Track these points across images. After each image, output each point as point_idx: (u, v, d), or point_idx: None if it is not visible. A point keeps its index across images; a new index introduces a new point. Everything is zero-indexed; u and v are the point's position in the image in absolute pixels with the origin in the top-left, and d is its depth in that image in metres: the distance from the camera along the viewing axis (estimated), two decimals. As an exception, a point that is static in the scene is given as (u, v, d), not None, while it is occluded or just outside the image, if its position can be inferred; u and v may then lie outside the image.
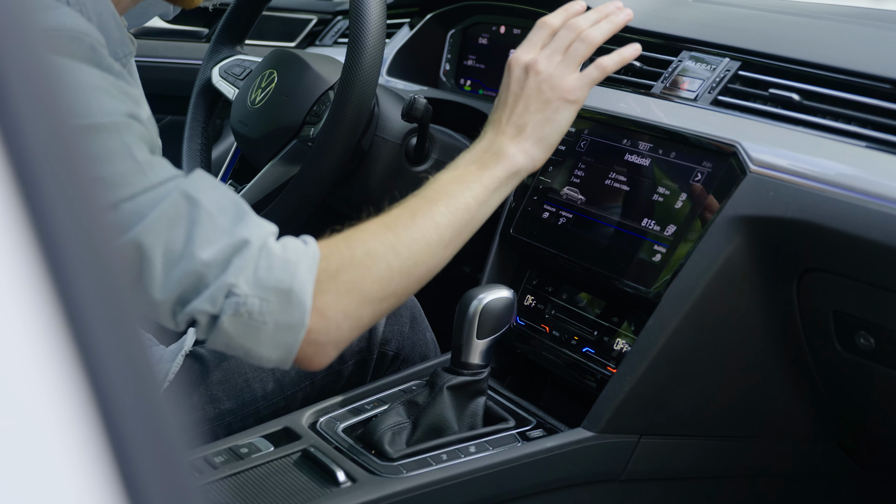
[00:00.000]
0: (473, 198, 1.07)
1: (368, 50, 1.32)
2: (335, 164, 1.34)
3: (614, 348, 1.26)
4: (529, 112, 1.14)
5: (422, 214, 1.03)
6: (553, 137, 1.15)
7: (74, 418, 0.36)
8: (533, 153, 1.13)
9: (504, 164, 1.10)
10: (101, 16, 1.00)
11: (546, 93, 1.15)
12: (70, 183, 0.38)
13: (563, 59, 1.17)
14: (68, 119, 0.39)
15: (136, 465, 0.36)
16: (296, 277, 0.92)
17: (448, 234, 1.04)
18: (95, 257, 0.38)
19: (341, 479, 1.10)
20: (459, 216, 1.05)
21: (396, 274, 1.00)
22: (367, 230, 1.01)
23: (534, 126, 1.13)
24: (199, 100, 1.68)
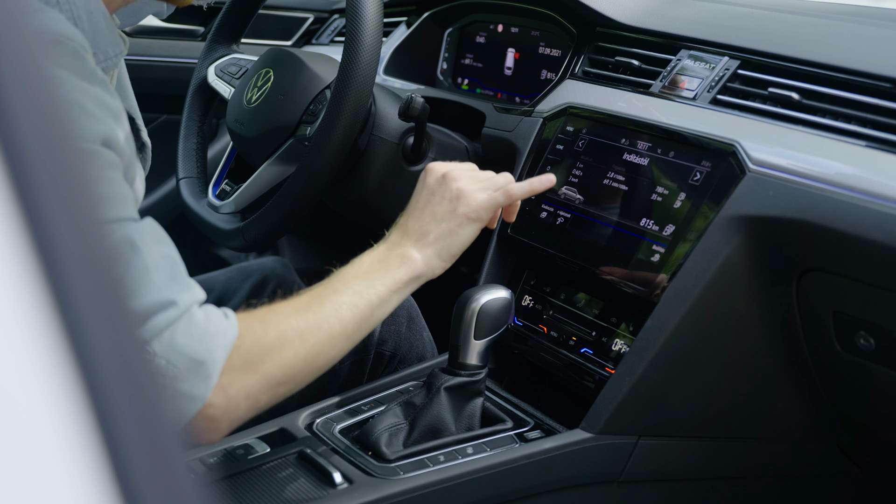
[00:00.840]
0: (376, 295, 1.09)
1: (365, 49, 1.32)
2: (332, 163, 1.33)
3: (612, 349, 1.26)
4: (435, 221, 1.16)
5: (329, 305, 1.05)
6: (454, 249, 1.16)
7: (70, 420, 0.36)
8: (433, 262, 1.15)
9: (407, 268, 1.12)
10: (92, 14, 0.99)
11: (455, 206, 1.17)
12: (57, 186, 0.38)
13: (479, 183, 1.20)
14: (56, 130, 0.39)
15: (131, 466, 0.36)
16: (212, 351, 0.91)
17: (350, 328, 1.05)
18: (89, 257, 0.38)
19: (338, 481, 1.10)
20: (362, 311, 1.07)
21: (301, 361, 1.01)
22: (280, 313, 1.02)
23: (437, 235, 1.15)
24: (194, 99, 1.68)
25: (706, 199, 1.18)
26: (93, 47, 0.98)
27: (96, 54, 0.99)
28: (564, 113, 1.45)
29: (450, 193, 1.17)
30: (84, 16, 0.98)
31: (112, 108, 0.93)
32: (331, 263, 1.14)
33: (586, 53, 1.53)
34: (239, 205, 1.51)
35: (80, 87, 0.89)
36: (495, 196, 1.18)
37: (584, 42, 1.55)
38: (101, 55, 1.00)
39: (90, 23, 0.99)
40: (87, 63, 0.92)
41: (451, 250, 1.16)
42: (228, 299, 1.59)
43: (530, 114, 1.51)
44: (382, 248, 1.15)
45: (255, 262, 1.69)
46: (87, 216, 0.40)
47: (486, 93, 1.83)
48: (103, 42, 1.01)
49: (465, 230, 1.16)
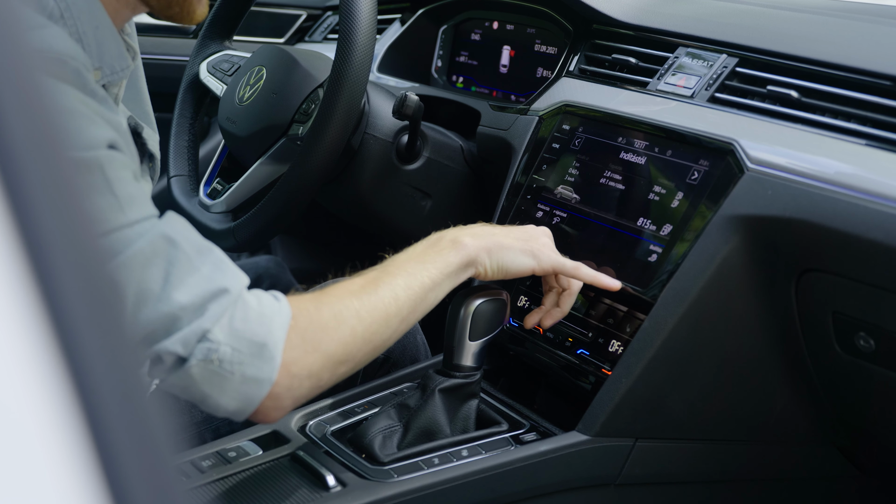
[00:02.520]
0: (429, 278, 1.09)
1: (359, 46, 1.31)
2: (324, 162, 1.33)
3: (609, 350, 1.25)
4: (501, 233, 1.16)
5: (383, 286, 1.06)
6: (505, 261, 1.15)
7: (60, 423, 0.35)
8: (483, 257, 1.14)
9: (458, 252, 1.12)
10: (98, 30, 0.99)
11: (529, 240, 1.17)
12: (57, 194, 0.38)
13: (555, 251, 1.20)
14: (55, 145, 0.39)
15: (122, 469, 0.36)
16: (271, 332, 0.94)
17: (405, 309, 1.07)
18: (81, 260, 0.38)
19: (331, 484, 1.09)
20: (416, 293, 1.08)
21: (359, 339, 1.02)
22: (334, 294, 1.03)
23: (495, 241, 1.15)
24: (186, 96, 1.67)
25: (704, 199, 1.18)
26: (98, 62, 0.99)
27: (102, 69, 0.99)
28: (560, 111, 1.44)
29: (527, 233, 1.19)
30: (90, 31, 0.98)
31: (112, 123, 0.93)
32: (325, 263, 1.14)
33: (583, 51, 1.53)
34: (230, 204, 1.51)
35: (81, 99, 0.90)
36: (564, 261, 1.18)
37: (580, 39, 1.55)
38: (107, 69, 1.01)
39: (96, 38, 0.99)
40: (88, 82, 0.92)
41: (503, 261, 1.15)
42: (221, 299, 1.58)
43: (526, 112, 1.51)
44: (435, 235, 1.15)
45: (248, 261, 1.69)
46: (88, 227, 0.40)
47: (481, 91, 1.83)
48: (109, 57, 1.01)
49: (522, 258, 1.16)
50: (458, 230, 1.16)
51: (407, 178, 1.56)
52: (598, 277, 1.20)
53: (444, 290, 1.12)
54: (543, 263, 1.17)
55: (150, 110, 1.20)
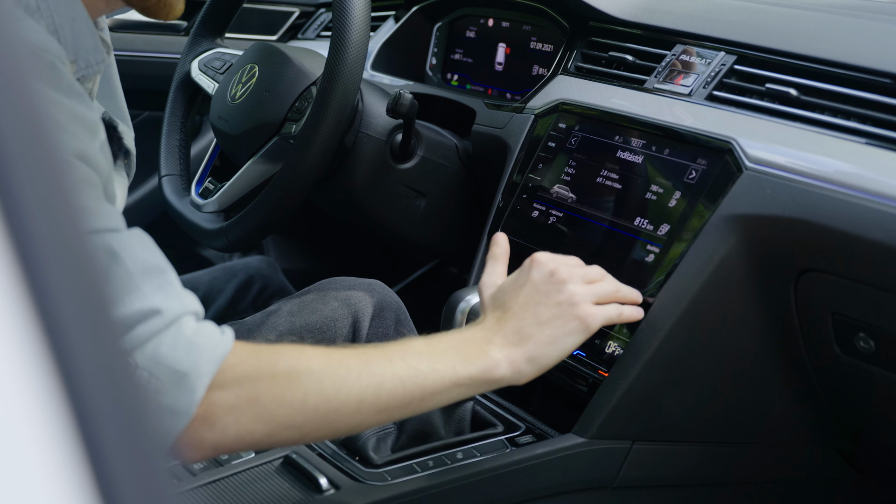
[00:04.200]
0: (435, 381, 0.96)
1: (352, 44, 1.31)
2: (318, 161, 1.32)
3: (606, 351, 1.24)
4: (538, 324, 1.03)
5: (370, 367, 0.93)
6: (551, 360, 1.03)
7: (50, 425, 0.35)
8: (523, 368, 1.01)
9: (485, 366, 0.99)
10: (74, 22, 0.98)
11: (564, 307, 1.04)
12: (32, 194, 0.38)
13: (590, 287, 1.08)
14: (29, 139, 0.38)
15: (112, 472, 0.36)
16: (197, 364, 0.84)
17: (385, 402, 0.93)
18: (70, 260, 0.38)
19: (324, 486, 1.09)
20: (409, 391, 0.94)
21: (310, 410, 0.90)
22: (304, 352, 0.93)
23: (537, 341, 1.02)
24: (177, 94, 1.66)
25: (702, 198, 1.17)
26: (74, 55, 0.97)
27: (77, 62, 0.98)
28: (556, 109, 1.44)
29: (560, 296, 1.04)
30: (66, 23, 0.96)
31: (87, 122, 0.91)
32: (318, 264, 1.12)
33: (579, 48, 1.52)
34: (222, 203, 1.50)
35: (54, 101, 0.86)
36: (609, 312, 1.08)
37: (576, 37, 1.54)
38: (82, 63, 0.99)
39: (72, 30, 0.97)
40: (64, 75, 0.90)
41: (548, 360, 1.03)
42: (213, 300, 1.57)
43: (521, 110, 1.50)
44: (469, 332, 1.03)
45: (240, 261, 1.68)
46: (66, 223, 0.40)
47: (476, 89, 1.82)
48: (85, 50, 0.99)
49: (571, 339, 1.04)
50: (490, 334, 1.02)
51: (401, 178, 1.55)
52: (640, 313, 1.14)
53: (451, 399, 0.99)
54: (593, 328, 1.05)
55: (124, 106, 1.19)
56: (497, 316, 1.04)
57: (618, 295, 1.12)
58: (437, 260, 2.11)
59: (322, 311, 1.35)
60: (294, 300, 1.39)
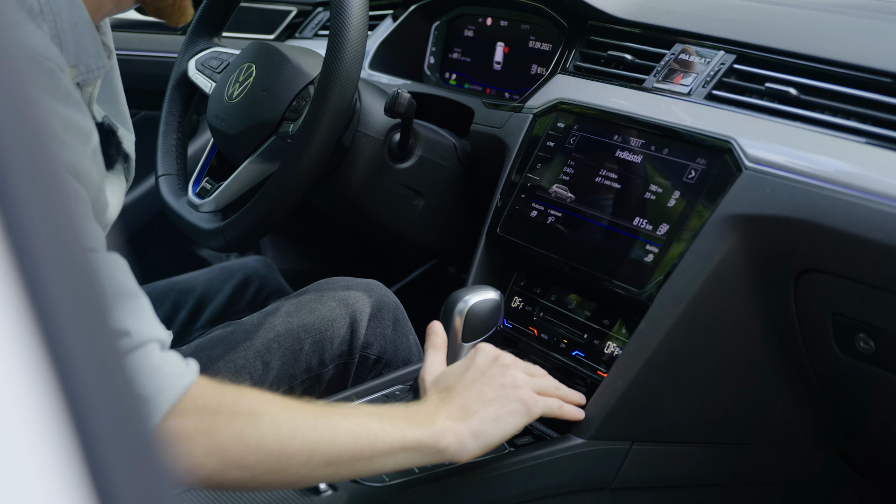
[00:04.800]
0: (384, 442, 0.96)
1: (350, 43, 1.30)
2: (315, 161, 1.31)
3: (605, 352, 1.25)
4: (483, 401, 1.05)
5: (325, 420, 0.94)
6: (495, 438, 1.04)
7: (47, 426, 0.35)
8: (468, 443, 1.01)
9: (432, 433, 0.99)
10: (76, 26, 0.97)
11: (507, 388, 1.07)
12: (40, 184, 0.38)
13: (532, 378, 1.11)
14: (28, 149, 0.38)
15: (109, 473, 0.36)
16: (160, 391, 0.84)
17: (337, 455, 0.93)
18: (68, 263, 0.38)
19: (322, 487, 1.08)
20: (359, 448, 0.95)
21: (264, 454, 0.89)
22: (266, 396, 0.93)
23: (481, 417, 1.03)
24: (174, 94, 1.65)
25: (701, 198, 1.17)
26: (75, 59, 0.97)
27: (78, 66, 0.97)
28: (555, 109, 1.43)
29: (503, 378, 1.07)
30: (68, 27, 0.96)
31: (82, 131, 0.90)
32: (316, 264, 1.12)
33: (578, 47, 1.52)
34: (219, 203, 1.49)
35: (51, 109, 0.86)
36: (551, 403, 1.10)
37: (575, 36, 1.53)
38: (83, 67, 0.98)
39: (74, 35, 0.96)
40: (62, 83, 0.89)
41: (492, 437, 1.03)
42: (210, 300, 1.57)
43: (520, 110, 1.50)
44: (416, 406, 1.05)
45: (237, 261, 1.67)
46: (60, 232, 0.39)
47: (474, 88, 1.81)
48: (86, 55, 0.99)
49: (513, 420, 1.05)
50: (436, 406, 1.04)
51: (399, 177, 1.54)
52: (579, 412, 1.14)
53: (399, 464, 0.99)
54: (535, 413, 1.07)
55: (125, 110, 1.18)
56: (441, 395, 1.07)
57: (558, 391, 1.14)
58: (435, 260, 2.10)
59: (320, 311, 1.35)
60: (291, 300, 1.39)
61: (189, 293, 1.57)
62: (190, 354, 1.30)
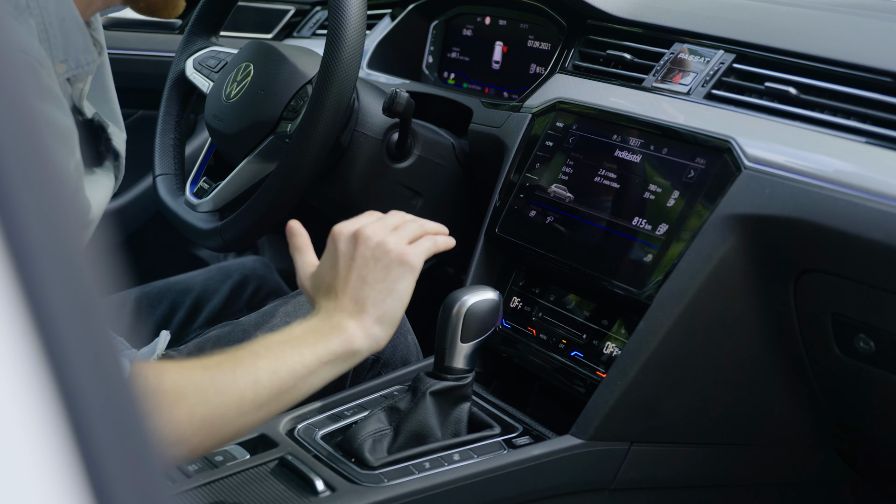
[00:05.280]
0: (303, 365, 0.97)
1: (348, 42, 1.30)
2: (313, 161, 1.31)
3: (604, 352, 1.24)
4: (367, 284, 1.04)
5: (243, 366, 0.94)
6: (396, 312, 1.04)
7: (42, 425, 0.35)
8: (376, 333, 1.03)
9: (342, 339, 1.00)
10: (64, 21, 0.96)
11: (381, 259, 1.05)
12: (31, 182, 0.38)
13: (396, 233, 1.09)
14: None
15: (106, 473, 0.36)
16: None
17: (265, 395, 0.94)
18: (63, 260, 0.38)
19: (320, 489, 1.08)
20: (283, 379, 0.95)
21: (197, 421, 0.89)
22: (184, 366, 0.93)
23: (374, 301, 1.03)
24: (172, 93, 1.65)
25: (700, 198, 1.16)
26: (64, 54, 0.96)
27: (67, 61, 0.96)
28: (554, 108, 1.43)
29: (371, 252, 1.05)
30: (56, 22, 0.95)
31: (60, 129, 0.90)
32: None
33: (577, 47, 1.52)
34: (217, 203, 1.49)
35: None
36: (425, 245, 1.08)
37: (574, 35, 1.53)
38: (72, 62, 0.97)
39: (62, 30, 0.96)
40: (42, 79, 0.89)
41: (394, 313, 1.04)
42: (207, 300, 1.57)
43: (519, 109, 1.49)
44: (315, 319, 1.03)
45: (235, 261, 1.67)
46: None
47: (473, 87, 1.81)
48: (75, 50, 0.98)
49: (403, 284, 1.05)
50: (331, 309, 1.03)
51: (397, 177, 1.54)
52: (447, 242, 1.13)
53: (323, 379, 1.00)
54: (417, 264, 1.06)
55: (117, 108, 1.17)
56: (327, 297, 1.06)
57: (425, 229, 1.12)
58: (433, 260, 2.10)
59: (317, 311, 1.34)
60: (289, 300, 1.38)
61: (186, 293, 1.57)
62: (188, 355, 1.30)
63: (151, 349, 1.30)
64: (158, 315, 1.53)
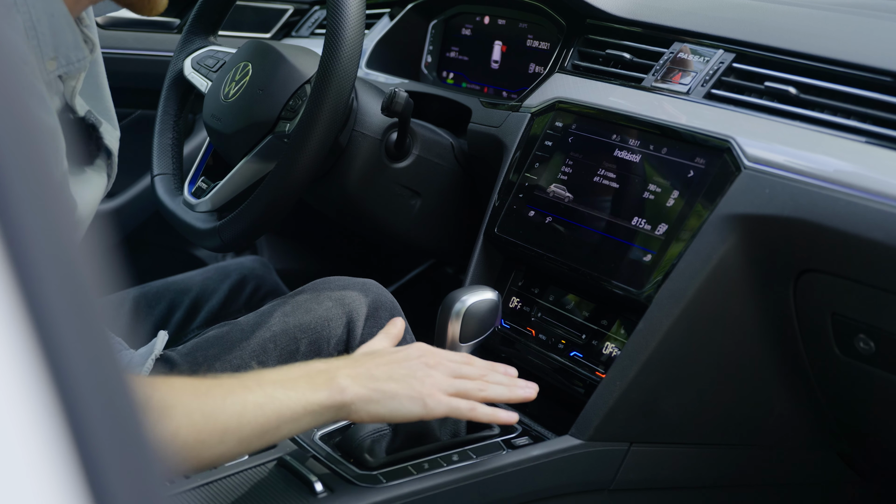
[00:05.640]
0: (289, 409, 0.97)
1: (347, 41, 1.29)
2: (312, 161, 1.31)
3: (603, 352, 1.24)
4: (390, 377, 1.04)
5: (233, 397, 0.94)
6: (385, 412, 1.02)
7: (40, 425, 0.35)
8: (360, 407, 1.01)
9: (331, 393, 1.00)
10: (53, 18, 0.96)
11: (416, 377, 1.05)
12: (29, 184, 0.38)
13: (452, 380, 1.08)
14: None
15: (104, 474, 0.36)
16: None
17: (247, 430, 0.94)
18: (61, 260, 0.38)
19: (318, 490, 1.07)
20: (266, 418, 0.95)
21: (181, 444, 0.90)
22: (176, 385, 0.93)
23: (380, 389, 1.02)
24: (170, 92, 1.65)
25: (700, 197, 1.16)
26: (54, 52, 0.95)
27: (57, 58, 0.95)
28: (553, 108, 1.43)
29: (418, 372, 1.05)
30: (44, 19, 0.94)
31: (45, 127, 0.89)
32: (312, 264, 1.11)
33: (576, 46, 1.51)
34: (215, 203, 1.48)
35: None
36: (457, 405, 1.05)
37: (573, 34, 1.53)
38: (62, 60, 0.97)
39: (51, 26, 0.95)
40: (24, 76, 0.88)
41: (383, 411, 1.02)
42: (206, 300, 1.56)
43: (518, 109, 1.49)
44: (317, 364, 1.04)
45: (234, 261, 1.67)
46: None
47: (472, 87, 1.81)
48: (65, 47, 0.97)
49: (409, 405, 1.03)
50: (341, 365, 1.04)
51: (396, 177, 1.54)
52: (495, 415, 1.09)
53: (302, 427, 1.00)
54: (434, 411, 1.04)
55: (110, 105, 1.17)
56: (354, 358, 1.07)
57: (481, 394, 1.09)
58: (432, 260, 2.09)
59: (316, 311, 1.34)
60: (288, 300, 1.38)
61: (185, 293, 1.57)
62: (186, 355, 1.30)
63: (149, 349, 1.30)
64: (157, 315, 1.52)
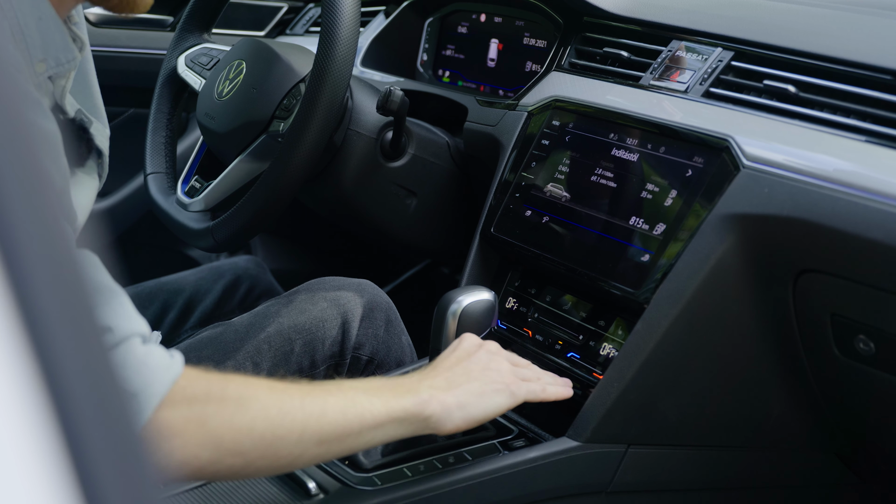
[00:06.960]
0: (371, 414, 0.96)
1: (342, 39, 1.29)
2: (306, 160, 1.30)
3: (600, 353, 1.24)
4: (470, 377, 1.06)
5: (312, 398, 0.94)
6: (479, 412, 1.04)
7: (33, 426, 0.35)
8: (453, 413, 1.02)
9: (417, 404, 1.00)
10: (41, 20, 0.95)
11: (492, 370, 1.08)
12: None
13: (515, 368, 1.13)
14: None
15: (97, 476, 0.36)
16: (148, 385, 0.84)
17: (327, 432, 0.93)
18: (54, 264, 0.38)
19: (312, 491, 1.07)
20: (349, 422, 0.95)
21: (257, 437, 0.90)
22: (252, 381, 0.94)
23: (466, 391, 1.04)
24: (163, 90, 1.64)
25: (698, 197, 1.16)
26: (43, 54, 0.95)
27: (47, 60, 0.95)
28: (550, 107, 1.42)
29: (490, 363, 1.09)
30: (32, 22, 0.94)
31: (42, 133, 0.88)
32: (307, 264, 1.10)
33: (573, 44, 1.51)
34: (209, 202, 1.48)
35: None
36: (534, 387, 1.11)
37: (570, 32, 1.53)
38: (52, 61, 0.96)
39: (39, 29, 0.94)
40: (20, 85, 0.87)
41: (477, 411, 1.04)
42: (199, 300, 1.55)
43: (514, 107, 1.49)
44: (397, 380, 1.05)
45: (227, 261, 1.66)
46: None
47: (468, 85, 1.80)
48: (55, 48, 0.97)
49: (498, 398, 1.06)
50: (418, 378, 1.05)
51: (391, 176, 1.53)
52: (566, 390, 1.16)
53: (387, 437, 1.00)
54: (519, 398, 1.08)
55: (100, 104, 1.16)
56: (426, 372, 1.08)
57: (541, 379, 1.15)
58: (428, 260, 2.09)
59: (311, 311, 1.34)
60: (282, 301, 1.37)
61: (178, 294, 1.56)
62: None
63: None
64: (150, 315, 1.52)
